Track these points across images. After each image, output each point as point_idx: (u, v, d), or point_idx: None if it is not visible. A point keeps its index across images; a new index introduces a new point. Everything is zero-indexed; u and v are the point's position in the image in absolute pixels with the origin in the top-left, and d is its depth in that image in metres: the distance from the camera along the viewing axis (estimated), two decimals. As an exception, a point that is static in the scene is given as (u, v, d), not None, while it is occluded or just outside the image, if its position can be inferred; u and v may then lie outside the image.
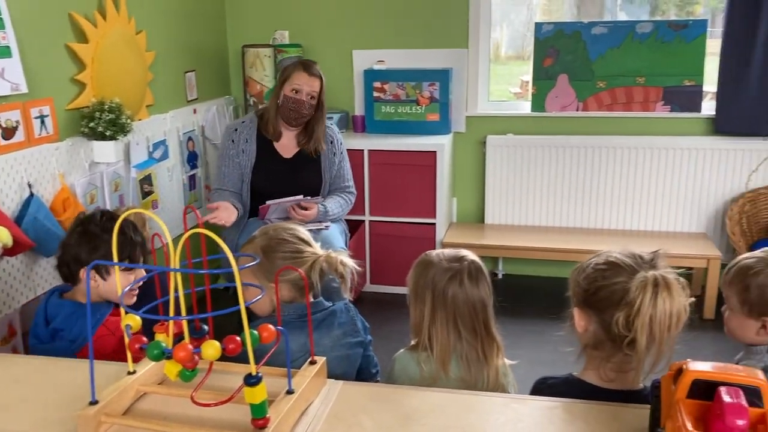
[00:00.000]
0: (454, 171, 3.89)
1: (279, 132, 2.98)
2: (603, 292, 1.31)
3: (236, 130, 2.99)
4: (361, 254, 3.64)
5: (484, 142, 3.77)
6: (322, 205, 2.94)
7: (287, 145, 3.01)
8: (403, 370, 1.63)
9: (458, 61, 3.73)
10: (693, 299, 1.26)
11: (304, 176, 2.99)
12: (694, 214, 3.58)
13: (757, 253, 1.57)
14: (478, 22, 3.68)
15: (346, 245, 3.10)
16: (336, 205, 3.01)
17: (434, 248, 3.60)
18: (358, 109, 3.89)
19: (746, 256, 1.58)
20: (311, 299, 1.76)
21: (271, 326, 1.12)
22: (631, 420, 1.17)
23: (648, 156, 3.57)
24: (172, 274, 1.11)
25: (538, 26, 3.65)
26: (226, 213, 2.76)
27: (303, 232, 1.79)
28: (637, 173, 3.60)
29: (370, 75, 3.74)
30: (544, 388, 1.42)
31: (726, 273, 1.61)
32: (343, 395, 1.28)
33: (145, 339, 1.13)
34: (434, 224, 3.60)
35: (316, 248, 1.77)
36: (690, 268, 3.46)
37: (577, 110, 3.66)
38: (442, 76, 3.65)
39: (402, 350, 1.67)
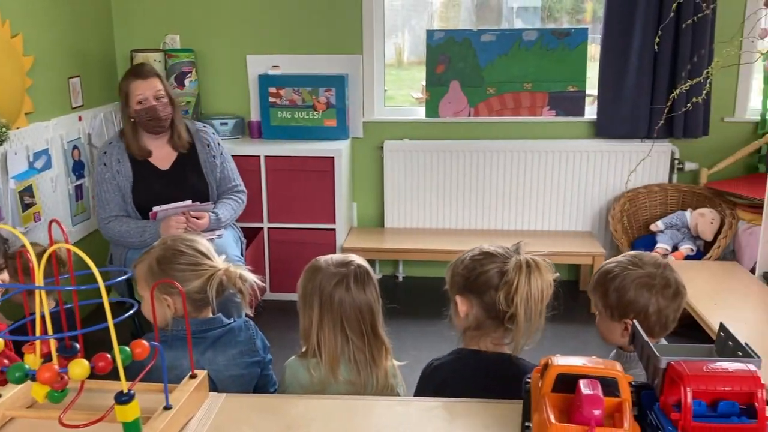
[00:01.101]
0: (353, 176, 3.91)
1: (147, 150, 2.87)
2: (483, 277, 1.47)
3: (105, 153, 2.85)
4: (261, 262, 3.60)
5: (382, 147, 3.82)
6: (213, 212, 2.88)
7: (162, 156, 2.90)
8: (294, 377, 1.63)
9: (353, 67, 3.77)
10: (557, 274, 1.49)
11: (188, 185, 2.90)
12: (580, 213, 3.77)
13: (619, 257, 1.65)
14: (371, 29, 3.72)
15: (242, 253, 3.06)
16: (227, 209, 2.95)
17: (335, 254, 3.64)
18: (254, 115, 3.85)
19: (608, 261, 1.66)
20: (209, 315, 1.73)
21: (145, 342, 1.09)
22: (508, 414, 1.22)
23: (536, 159, 3.72)
24: (37, 291, 1.06)
25: (430, 34, 3.73)
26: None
27: (203, 243, 1.75)
28: (526, 175, 3.75)
29: (265, 80, 3.70)
30: (430, 371, 1.55)
31: (591, 278, 1.69)
32: (225, 408, 1.27)
33: (6, 361, 1.08)
34: (334, 230, 3.61)
35: (216, 261, 1.73)
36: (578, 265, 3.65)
37: (469, 115, 3.77)
38: (338, 82, 3.66)
39: (292, 357, 1.67)
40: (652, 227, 3.56)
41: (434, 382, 1.52)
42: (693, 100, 2.92)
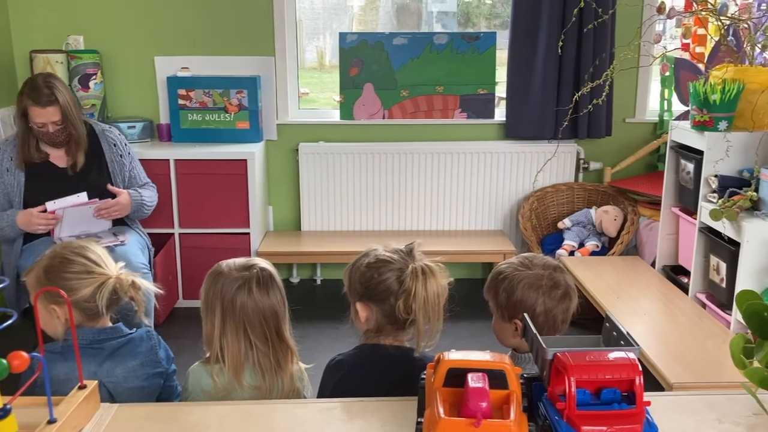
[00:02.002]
0: (268, 179, 3.87)
1: (45, 153, 2.80)
2: (381, 286, 1.48)
3: None
4: (172, 269, 3.51)
5: (297, 150, 3.79)
6: (135, 190, 2.85)
7: (61, 154, 2.85)
8: (197, 384, 1.59)
9: (266, 69, 3.73)
10: (452, 279, 1.52)
11: (90, 182, 2.82)
12: (492, 212, 3.85)
13: (513, 259, 1.68)
14: (283, 31, 3.69)
15: (149, 261, 2.98)
16: (147, 190, 2.98)
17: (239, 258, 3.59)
18: (163, 118, 3.75)
19: (501, 263, 1.70)
20: (107, 324, 1.67)
21: (24, 354, 1.04)
22: (405, 411, 1.23)
23: (449, 160, 3.78)
24: None
25: (343, 36, 3.74)
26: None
27: (95, 250, 1.68)
28: (440, 177, 3.80)
29: (174, 82, 3.61)
30: (332, 365, 1.56)
31: (486, 281, 1.73)
32: (117, 418, 1.22)
33: None
34: (249, 234, 3.55)
35: (109, 268, 1.66)
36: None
37: (384, 118, 3.79)
38: (250, 84, 3.62)
39: (195, 363, 1.64)
40: (560, 225, 3.69)
41: (336, 376, 1.53)
42: (594, 101, 3.04)
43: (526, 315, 1.22)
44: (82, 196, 2.73)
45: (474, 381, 1.00)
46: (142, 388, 1.64)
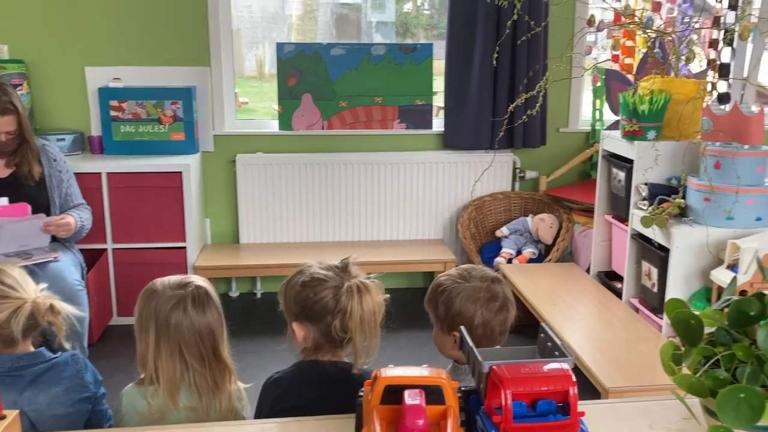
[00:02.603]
0: (205, 191, 3.80)
1: None
2: (317, 306, 1.46)
3: None
4: (105, 286, 3.39)
5: (234, 161, 3.74)
6: (77, 214, 2.79)
7: (1, 166, 2.76)
8: (131, 406, 1.54)
9: (202, 79, 3.66)
10: (387, 295, 1.52)
11: (27, 196, 2.73)
12: (432, 222, 3.88)
13: (452, 271, 1.70)
14: (219, 41, 3.64)
15: (82, 278, 2.88)
16: (84, 213, 2.93)
17: (186, 273, 3.51)
18: (95, 130, 3.63)
19: (441, 275, 1.71)
20: (28, 349, 1.60)
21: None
22: (342, 430, 1.22)
23: (389, 171, 3.79)
24: None
25: (280, 47, 3.71)
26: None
27: (11, 274, 1.61)
28: (379, 187, 3.81)
29: (106, 93, 3.51)
30: (270, 383, 1.55)
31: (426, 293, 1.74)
32: (42, 449, 1.17)
33: None
34: (185, 248, 3.47)
35: (26, 292, 1.59)
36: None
37: (323, 128, 3.78)
38: (185, 95, 3.55)
39: (129, 385, 1.59)
40: (498, 233, 3.74)
41: (274, 395, 1.51)
42: (528, 112, 3.09)
43: (462, 328, 1.22)
44: (3, 201, 2.64)
45: (410, 398, 1.00)
46: (68, 415, 1.58)
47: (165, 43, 3.61)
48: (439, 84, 3.84)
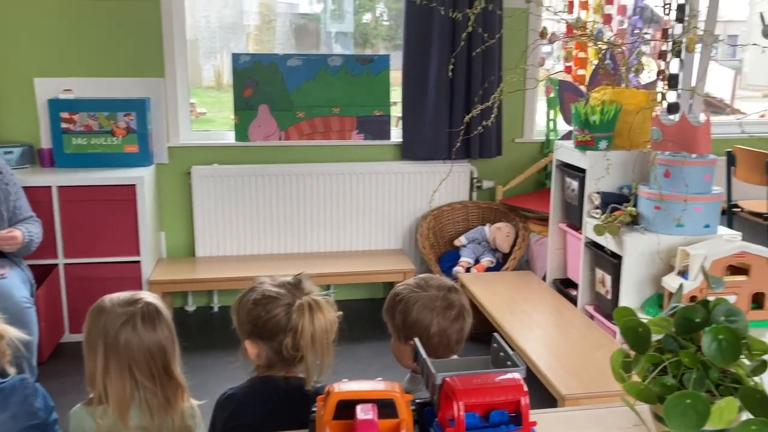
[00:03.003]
0: (160, 204, 3.73)
1: None
2: (269, 324, 1.45)
3: None
4: (57, 302, 3.30)
5: (190, 173, 3.69)
6: (25, 228, 2.71)
7: None
8: (79, 427, 1.50)
9: (156, 91, 3.61)
10: (340, 313, 1.50)
11: None
12: (391, 232, 3.89)
13: (410, 280, 1.71)
14: (173, 51, 3.59)
15: (31, 295, 2.80)
16: (34, 227, 2.85)
17: (141, 288, 3.44)
18: (45, 142, 3.54)
19: (398, 285, 1.71)
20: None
21: None
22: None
23: (347, 181, 3.79)
24: None
25: (236, 57, 3.68)
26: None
27: None
28: (338, 198, 3.80)
29: (56, 105, 3.43)
30: (223, 400, 1.53)
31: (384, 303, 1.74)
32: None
33: None
34: (139, 262, 3.41)
35: None
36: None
37: (280, 139, 3.76)
38: (139, 106, 3.49)
39: (77, 405, 1.54)
40: (456, 242, 3.77)
41: (227, 411, 1.49)
42: (484, 123, 3.13)
43: (417, 340, 1.22)
44: None
45: (363, 413, 0.99)
46: (16, 444, 1.52)
47: (118, 54, 3.55)
48: (397, 94, 3.86)
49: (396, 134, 3.88)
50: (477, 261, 3.64)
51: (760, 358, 1.16)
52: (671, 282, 2.49)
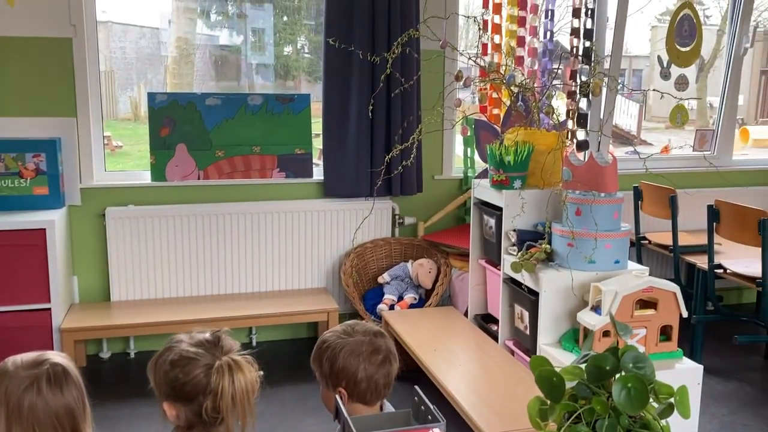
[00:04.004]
0: (73, 247, 3.59)
1: None
2: (188, 386, 1.41)
3: None
4: (-43, 355, 3.10)
5: (104, 215, 3.57)
6: None
7: None
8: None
9: (68, 131, 3.48)
10: (261, 372, 1.46)
11: None
12: (314, 271, 3.87)
13: (337, 327, 1.73)
14: (86, 91, 3.49)
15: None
16: None
17: (51, 336, 3.28)
18: (-55, 185, 3.36)
19: (326, 332, 1.72)
20: None
21: None
22: None
23: (269, 220, 3.76)
24: None
25: (151, 96, 3.61)
26: None
27: None
28: (260, 237, 3.76)
29: (-42, 146, 3.27)
30: None
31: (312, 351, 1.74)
32: None
33: None
34: (50, 309, 3.25)
35: None
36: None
37: (199, 179, 3.69)
38: (49, 146, 3.36)
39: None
40: (380, 279, 3.78)
41: None
42: (404, 163, 3.18)
43: (338, 397, 1.22)
44: None
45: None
46: None
47: (27, 94, 3.42)
48: (319, 126, 3.86)
49: (318, 172, 3.89)
50: (400, 298, 3.66)
51: (667, 401, 1.22)
52: (586, 317, 2.58)
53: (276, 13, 4.14)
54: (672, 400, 1.23)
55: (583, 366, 1.26)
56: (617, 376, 1.18)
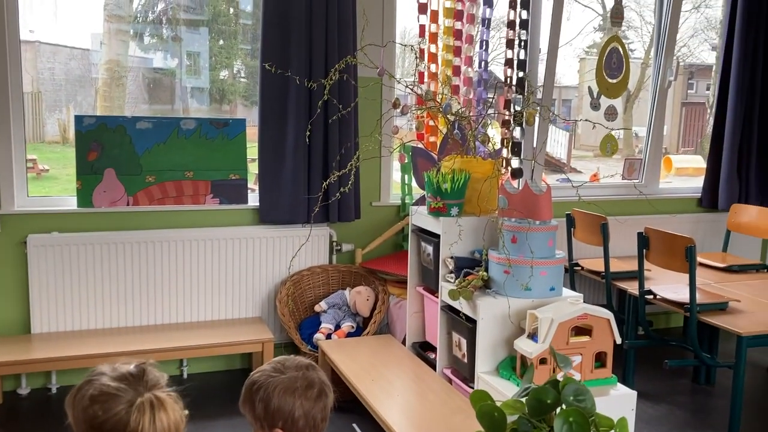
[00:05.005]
0: (-11, 277, 3.39)
1: None
2: (107, 424, 1.31)
3: None
4: None
5: (25, 242, 3.39)
6: None
7: None
8: None
9: (-14, 154, 3.31)
10: (187, 411, 1.37)
11: None
12: (249, 299, 3.77)
13: (265, 366, 1.65)
14: (7, 113, 3.33)
15: None
16: None
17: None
18: None
19: (254, 372, 1.65)
20: None
21: None
22: None
23: (202, 247, 3.65)
24: None
25: (79, 119, 3.47)
26: None
27: None
28: (192, 265, 3.64)
29: None
30: None
31: (241, 394, 1.66)
32: None
33: None
34: (-37, 343, 3.05)
35: None
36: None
37: (128, 205, 3.56)
38: (-35, 171, 3.18)
39: None
40: (317, 308, 3.72)
41: None
42: (342, 190, 3.15)
43: None
44: None
45: None
46: None
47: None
48: (255, 151, 3.79)
49: (253, 198, 3.81)
50: (338, 326, 3.60)
51: (606, 434, 1.22)
52: (523, 345, 2.58)
53: (212, 36, 4.08)
54: (612, 432, 1.22)
55: (523, 399, 1.25)
56: (558, 410, 1.17)
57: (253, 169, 3.89)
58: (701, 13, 5.73)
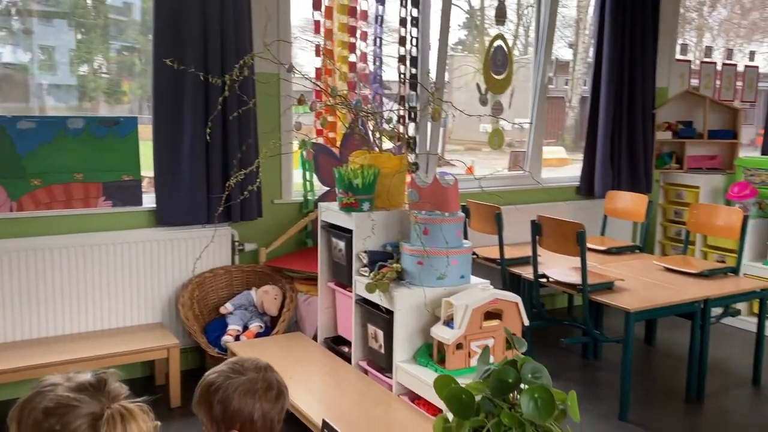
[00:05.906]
0: None
1: None
2: None
3: None
4: None
5: None
6: None
7: None
8: None
9: None
10: (158, 423, 1.29)
11: None
12: (149, 305, 3.62)
13: (221, 366, 1.63)
14: None
15: None
16: None
17: None
18: None
19: (209, 373, 1.62)
20: None
21: None
22: None
23: (95, 253, 3.46)
24: None
25: (-49, 119, 3.18)
26: None
27: None
28: (86, 271, 3.45)
29: None
30: None
31: (194, 395, 1.62)
32: None
33: None
34: None
35: None
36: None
37: (11, 210, 3.31)
38: None
39: None
40: (222, 310, 3.64)
41: None
42: (250, 188, 3.10)
43: None
44: None
45: None
46: None
47: None
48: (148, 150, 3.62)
49: (149, 199, 3.65)
50: (246, 327, 3.55)
51: (560, 407, 1.31)
52: (439, 331, 2.68)
53: (70, 29, 3.81)
54: (564, 406, 1.32)
55: (483, 381, 1.31)
56: (523, 387, 1.24)
57: (148, 168, 3.73)
58: (558, 13, 6.13)
